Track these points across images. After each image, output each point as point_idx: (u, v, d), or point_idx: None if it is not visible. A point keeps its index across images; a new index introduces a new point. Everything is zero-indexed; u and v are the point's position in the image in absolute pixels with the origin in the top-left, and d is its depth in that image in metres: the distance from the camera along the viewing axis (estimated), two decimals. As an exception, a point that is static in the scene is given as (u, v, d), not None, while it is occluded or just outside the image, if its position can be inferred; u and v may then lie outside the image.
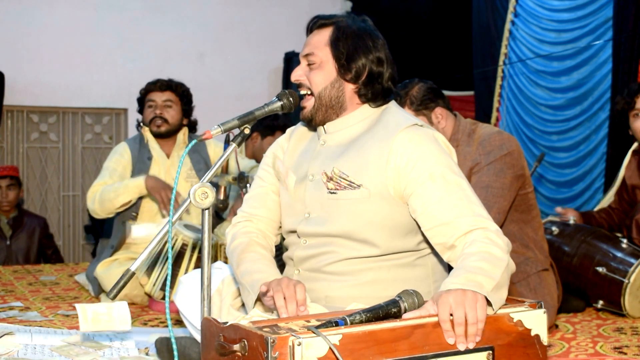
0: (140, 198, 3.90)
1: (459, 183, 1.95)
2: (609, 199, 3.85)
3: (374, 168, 1.98)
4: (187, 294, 2.28)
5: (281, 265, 2.18)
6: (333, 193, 2.02)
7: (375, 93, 2.07)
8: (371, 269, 2.01)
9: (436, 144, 2.01)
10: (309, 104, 2.09)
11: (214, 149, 4.10)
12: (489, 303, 1.69)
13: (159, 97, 4.00)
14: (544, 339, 1.74)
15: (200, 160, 4.03)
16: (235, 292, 2.22)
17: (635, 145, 3.73)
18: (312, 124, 2.13)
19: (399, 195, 1.98)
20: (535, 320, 1.73)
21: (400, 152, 1.97)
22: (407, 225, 2.01)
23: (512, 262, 1.84)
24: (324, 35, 2.08)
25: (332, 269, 2.02)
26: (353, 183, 2.00)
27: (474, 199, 1.94)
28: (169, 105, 4.00)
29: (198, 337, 2.24)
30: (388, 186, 1.97)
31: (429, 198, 1.92)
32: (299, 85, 2.12)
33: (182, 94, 4.06)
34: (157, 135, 4.00)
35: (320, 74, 2.07)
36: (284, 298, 1.87)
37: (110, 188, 3.80)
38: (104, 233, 5.01)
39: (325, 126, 2.12)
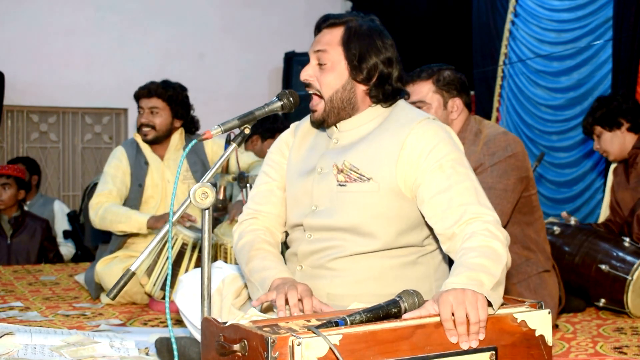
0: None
1: (467, 174, 1.97)
2: (604, 212, 3.91)
3: (384, 162, 1.99)
4: (187, 294, 2.28)
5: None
6: (342, 185, 2.03)
7: (385, 94, 2.09)
8: (373, 267, 2.01)
9: (449, 137, 2.03)
10: (319, 107, 2.09)
11: (212, 147, 4.05)
12: (489, 302, 1.69)
13: (145, 104, 3.93)
14: (549, 339, 1.72)
15: (197, 162, 4.00)
16: (236, 290, 2.22)
17: (613, 164, 3.87)
18: (324, 126, 2.13)
19: (409, 189, 1.99)
20: (539, 321, 1.71)
21: (414, 145, 1.98)
22: (414, 220, 2.02)
23: (509, 256, 1.84)
24: (336, 34, 2.07)
25: (335, 265, 2.03)
26: (363, 176, 2.01)
27: (480, 191, 1.96)
28: (155, 112, 3.92)
29: (198, 337, 2.24)
30: (398, 180, 1.98)
31: (436, 186, 1.94)
32: (307, 85, 2.11)
33: (170, 98, 3.95)
34: (145, 142, 3.99)
35: (331, 75, 2.06)
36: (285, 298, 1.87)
37: (116, 210, 3.78)
38: (98, 238, 5.00)
39: (338, 125, 2.12)
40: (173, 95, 3.96)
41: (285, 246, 2.27)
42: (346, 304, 1.95)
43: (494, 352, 1.65)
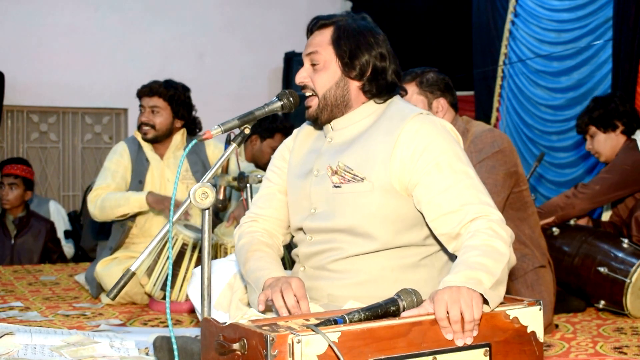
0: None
1: (466, 171, 1.94)
2: (605, 211, 3.92)
3: (378, 161, 1.98)
4: (200, 286, 2.27)
5: (292, 262, 2.18)
6: (337, 187, 2.03)
7: (380, 88, 2.08)
8: (375, 269, 2.00)
9: (444, 132, 2.01)
10: (313, 103, 2.10)
11: (213, 150, 4.06)
12: (486, 301, 1.69)
13: (146, 103, 3.94)
14: (540, 336, 1.74)
15: (197, 162, 4.00)
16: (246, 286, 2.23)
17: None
18: (318, 123, 2.14)
19: (404, 187, 1.97)
20: (531, 318, 1.73)
21: (407, 143, 1.97)
22: (412, 219, 2.00)
23: (513, 255, 1.83)
24: (326, 35, 2.09)
25: (336, 267, 2.03)
26: (357, 176, 2.00)
27: (480, 187, 1.93)
28: (156, 111, 3.93)
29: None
30: (392, 179, 1.97)
31: (435, 187, 1.92)
32: (303, 87, 2.12)
33: (171, 98, 3.95)
34: (145, 141, 3.99)
35: (324, 74, 2.07)
36: (282, 297, 1.87)
37: (113, 197, 3.79)
38: (98, 235, 5.00)
39: (331, 123, 2.12)
40: (174, 95, 3.96)
41: (289, 248, 2.27)
42: (345, 305, 1.94)
43: (487, 349, 1.67)
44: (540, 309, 1.75)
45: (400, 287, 1.84)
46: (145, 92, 3.97)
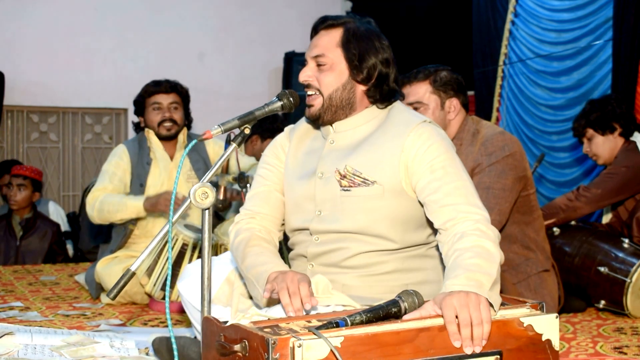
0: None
1: (457, 174, 1.99)
2: (606, 213, 3.93)
3: (387, 165, 2.02)
4: (192, 282, 2.27)
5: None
6: (347, 190, 2.05)
7: (383, 94, 2.11)
8: (387, 261, 2.05)
9: (441, 139, 2.05)
10: (316, 102, 2.10)
11: (213, 148, 4.07)
12: (489, 304, 1.69)
13: (165, 100, 3.95)
14: (556, 344, 1.70)
15: (199, 160, 4.00)
16: None
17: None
18: (318, 123, 2.14)
19: (411, 189, 2.03)
20: (546, 325, 1.69)
21: (411, 146, 2.02)
22: (418, 219, 2.06)
23: (502, 254, 1.86)
24: (334, 36, 2.09)
25: (349, 263, 2.06)
26: (367, 180, 2.03)
27: (470, 189, 1.98)
28: (175, 107, 3.96)
29: (198, 326, 2.24)
30: (401, 181, 2.02)
31: (428, 188, 1.98)
32: (306, 86, 2.12)
33: (185, 95, 4.04)
34: (165, 138, 3.98)
35: (331, 75, 2.08)
36: (289, 295, 1.86)
37: (111, 201, 3.77)
38: (96, 237, 4.97)
39: (333, 125, 2.13)
40: (186, 93, 4.06)
41: (285, 246, 2.27)
42: (360, 294, 1.98)
43: (498, 356, 1.63)
44: (556, 317, 1.70)
45: (411, 276, 1.87)
46: (162, 89, 3.97)
